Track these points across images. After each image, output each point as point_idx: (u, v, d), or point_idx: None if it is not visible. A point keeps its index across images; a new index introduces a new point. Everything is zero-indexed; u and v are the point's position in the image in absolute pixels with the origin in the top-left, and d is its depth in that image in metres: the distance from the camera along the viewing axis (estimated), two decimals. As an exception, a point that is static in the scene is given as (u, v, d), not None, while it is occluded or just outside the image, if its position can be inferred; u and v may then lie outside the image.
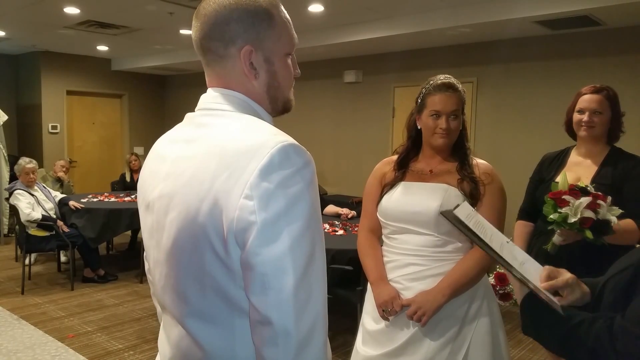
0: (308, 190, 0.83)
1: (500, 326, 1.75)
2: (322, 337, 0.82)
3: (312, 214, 0.83)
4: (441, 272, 1.69)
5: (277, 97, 0.98)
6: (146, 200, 0.99)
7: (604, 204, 1.85)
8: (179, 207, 0.88)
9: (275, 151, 0.81)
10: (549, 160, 2.34)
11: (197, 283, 0.88)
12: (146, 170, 1.02)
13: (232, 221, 0.80)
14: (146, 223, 1.00)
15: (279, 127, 0.90)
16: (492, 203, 1.71)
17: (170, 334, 0.98)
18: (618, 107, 2.16)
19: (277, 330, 0.79)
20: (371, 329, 1.78)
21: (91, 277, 4.99)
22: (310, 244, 0.82)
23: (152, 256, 0.99)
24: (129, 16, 5.26)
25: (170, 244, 0.90)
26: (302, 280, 0.80)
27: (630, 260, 1.05)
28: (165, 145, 1.00)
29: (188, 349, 0.94)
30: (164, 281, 0.95)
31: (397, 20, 5.02)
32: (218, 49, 0.93)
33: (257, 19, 0.92)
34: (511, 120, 5.27)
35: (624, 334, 0.90)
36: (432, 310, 1.63)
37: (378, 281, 1.76)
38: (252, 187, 0.79)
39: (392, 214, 1.77)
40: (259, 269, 0.79)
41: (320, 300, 0.83)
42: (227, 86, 0.95)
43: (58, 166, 6.00)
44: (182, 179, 0.89)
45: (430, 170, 1.79)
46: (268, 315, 0.79)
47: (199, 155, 0.88)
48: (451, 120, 1.72)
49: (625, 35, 4.54)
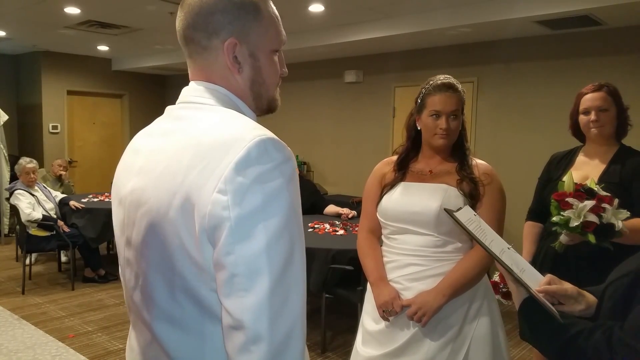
0: (287, 186, 0.77)
1: (500, 326, 1.75)
2: (299, 344, 0.76)
3: (292, 212, 0.77)
4: (441, 272, 1.68)
5: (261, 94, 0.94)
6: (119, 195, 0.94)
7: (609, 207, 1.82)
8: (150, 202, 0.83)
9: (253, 145, 0.76)
10: (557, 159, 2.32)
11: (167, 284, 0.83)
12: (121, 164, 0.98)
13: (205, 217, 0.75)
14: (117, 219, 0.96)
15: (279, 127, 0.89)
16: (491, 203, 1.71)
17: (138, 339, 0.94)
18: (621, 101, 2.15)
19: (250, 336, 0.73)
20: (371, 329, 1.78)
21: (92, 277, 4.99)
22: (289, 244, 0.76)
23: (122, 254, 0.94)
24: (129, 16, 5.27)
25: (139, 241, 0.86)
26: (278, 282, 0.74)
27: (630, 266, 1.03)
28: (141, 139, 0.96)
29: (154, 356, 0.88)
30: (133, 281, 0.90)
31: (397, 20, 5.02)
32: (201, 40, 0.89)
33: (243, 11, 0.89)
34: (511, 120, 5.27)
35: (623, 347, 0.90)
36: (433, 310, 1.63)
37: (378, 282, 1.76)
38: (227, 181, 0.74)
39: (392, 214, 1.77)
40: (231, 269, 0.73)
41: (299, 305, 0.76)
42: (209, 79, 0.91)
43: (56, 165, 6.00)
44: (155, 172, 0.84)
45: (430, 170, 1.79)
46: (241, 319, 0.73)
47: (173, 148, 0.84)
48: (451, 121, 1.72)
49: (625, 35, 4.53)
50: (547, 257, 2.17)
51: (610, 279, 1.08)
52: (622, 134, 2.17)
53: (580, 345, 0.96)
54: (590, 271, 1.86)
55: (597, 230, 1.81)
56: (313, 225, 3.93)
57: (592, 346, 0.94)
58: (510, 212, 1.81)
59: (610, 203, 1.83)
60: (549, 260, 2.15)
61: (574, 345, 0.98)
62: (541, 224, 2.31)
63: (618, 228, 1.81)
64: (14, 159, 6.05)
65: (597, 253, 1.90)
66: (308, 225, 3.94)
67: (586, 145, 2.25)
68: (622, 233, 1.82)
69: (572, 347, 0.98)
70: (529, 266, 1.17)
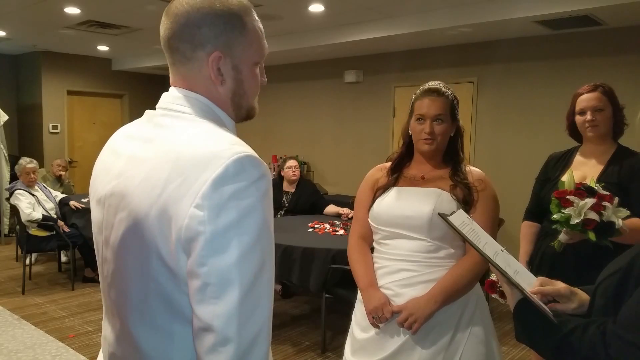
0: (261, 203, 0.81)
1: (492, 334, 1.72)
2: (264, 346, 0.81)
3: (264, 228, 0.81)
4: (433, 278, 1.65)
5: (241, 104, 0.97)
6: (97, 194, 0.98)
7: (609, 205, 1.82)
8: (129, 209, 0.86)
9: (231, 162, 0.79)
10: (554, 160, 2.33)
11: (141, 285, 0.87)
12: (99, 164, 1.01)
13: (181, 229, 0.79)
14: (96, 218, 0.99)
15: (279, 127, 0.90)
16: (485, 210, 1.69)
17: (112, 331, 0.98)
18: (617, 100, 2.17)
19: (219, 339, 0.78)
20: (360, 338, 1.74)
21: (92, 277, 4.98)
22: (260, 257, 0.80)
23: (100, 252, 0.98)
24: (129, 16, 5.27)
25: (117, 243, 0.90)
26: (248, 293, 0.78)
27: (620, 263, 1.05)
28: (121, 141, 0.99)
29: (126, 349, 0.93)
30: (110, 278, 0.95)
31: (397, 20, 5.02)
32: (185, 50, 0.91)
33: (229, 26, 0.91)
34: (511, 120, 5.27)
35: (617, 340, 0.91)
36: (424, 317, 1.59)
37: (368, 287, 1.72)
38: (204, 197, 0.78)
39: (383, 218, 1.74)
40: (204, 278, 0.78)
41: (266, 312, 0.82)
42: (191, 88, 0.93)
43: (55, 165, 6.01)
44: (135, 181, 0.87)
45: (423, 176, 1.77)
46: (211, 324, 0.78)
47: (153, 159, 0.87)
48: (435, 125, 1.70)
49: (625, 35, 4.53)
50: (546, 256, 2.17)
51: (601, 277, 1.09)
52: (619, 133, 2.19)
53: (575, 342, 0.97)
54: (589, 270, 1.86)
55: (597, 228, 1.81)
56: (313, 225, 3.91)
57: (586, 341, 0.95)
58: (510, 212, 1.82)
59: (610, 201, 1.84)
60: (547, 260, 2.15)
61: (568, 342, 0.99)
62: (538, 223, 2.32)
63: (618, 226, 1.82)
64: (14, 159, 6.05)
65: (595, 252, 1.91)
66: (308, 225, 3.91)
67: (583, 145, 2.26)
68: (622, 231, 1.83)
69: (567, 344, 0.99)
70: (523, 268, 1.19)
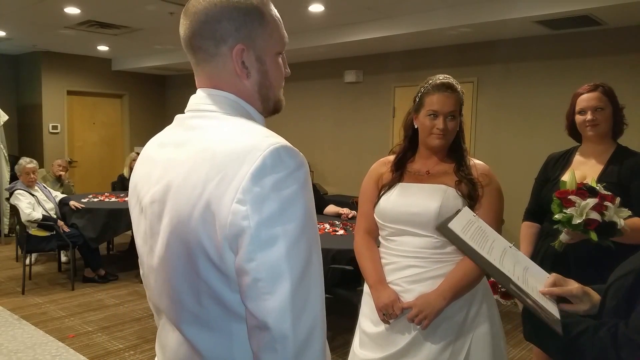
0: (302, 192, 0.80)
1: (499, 327, 1.74)
2: (320, 340, 0.81)
3: (308, 217, 0.81)
4: (441, 273, 1.67)
5: (268, 96, 0.96)
6: (138, 205, 0.98)
7: (611, 205, 1.82)
8: (171, 214, 0.86)
9: (268, 154, 0.79)
10: (554, 160, 2.33)
11: (192, 289, 0.87)
12: (137, 173, 1.01)
13: (225, 227, 0.79)
14: (139, 228, 0.98)
15: (279, 127, 0.89)
16: (490, 205, 1.70)
17: (168, 339, 0.97)
18: (616, 100, 2.17)
19: (275, 336, 0.77)
20: (370, 332, 1.77)
21: (92, 277, 4.99)
22: (307, 248, 0.80)
23: (146, 262, 0.98)
24: (129, 16, 5.26)
25: (163, 250, 0.89)
26: (299, 285, 0.78)
27: (633, 264, 1.03)
28: (155, 149, 0.98)
29: (186, 355, 0.92)
30: (159, 287, 0.94)
31: (397, 20, 5.02)
32: (209, 47, 0.91)
33: (249, 17, 0.91)
34: (511, 120, 5.27)
35: (628, 343, 0.90)
36: (434, 313, 1.62)
37: (377, 284, 1.74)
38: (245, 191, 0.77)
39: (390, 215, 1.75)
40: (253, 274, 0.77)
41: (318, 303, 0.81)
42: (217, 86, 0.93)
43: (55, 166, 6.01)
44: (174, 185, 0.87)
45: (427, 171, 1.78)
46: (265, 320, 0.77)
47: (189, 160, 0.86)
48: (448, 121, 1.71)
49: (625, 35, 4.53)
50: (546, 257, 2.17)
51: (612, 278, 1.08)
52: (618, 133, 2.19)
53: (585, 343, 0.96)
54: (589, 270, 1.86)
55: (599, 228, 1.81)
56: (313, 225, 3.91)
57: (597, 343, 0.95)
58: (509, 212, 1.81)
59: (612, 201, 1.83)
60: (548, 260, 2.15)
61: (578, 343, 0.98)
62: (538, 224, 2.31)
63: (620, 226, 1.81)
64: (14, 159, 6.05)
65: (596, 252, 1.90)
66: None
67: (583, 145, 2.26)
68: (623, 232, 1.82)
69: (577, 346, 0.98)
70: (533, 264, 1.15)
